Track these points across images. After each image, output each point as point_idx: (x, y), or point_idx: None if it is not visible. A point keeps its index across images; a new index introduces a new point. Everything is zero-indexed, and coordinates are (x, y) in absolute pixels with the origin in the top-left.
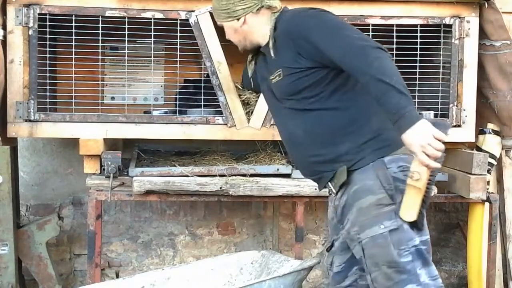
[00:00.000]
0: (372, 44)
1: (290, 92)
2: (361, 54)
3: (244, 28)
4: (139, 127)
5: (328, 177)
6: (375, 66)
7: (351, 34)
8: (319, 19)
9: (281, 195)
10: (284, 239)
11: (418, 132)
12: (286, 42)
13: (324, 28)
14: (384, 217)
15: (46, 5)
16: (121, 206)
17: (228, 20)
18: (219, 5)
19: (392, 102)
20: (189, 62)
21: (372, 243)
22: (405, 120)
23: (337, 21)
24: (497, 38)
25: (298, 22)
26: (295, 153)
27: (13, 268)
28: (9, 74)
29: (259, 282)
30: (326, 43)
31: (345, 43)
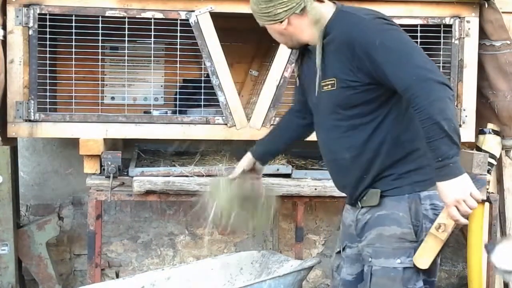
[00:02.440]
0: (439, 78)
1: (344, 105)
2: (426, 89)
3: (289, 30)
4: (139, 127)
5: (361, 195)
6: (436, 106)
7: (419, 63)
8: (387, 37)
9: (281, 195)
10: (284, 239)
11: (457, 186)
12: (344, 51)
13: (391, 50)
14: (403, 252)
15: (46, 5)
16: (121, 206)
17: (271, 23)
18: (258, 9)
19: (442, 149)
20: (189, 62)
21: (383, 273)
22: (449, 170)
23: (406, 42)
24: (497, 38)
25: (362, 34)
26: (336, 174)
27: (13, 268)
28: (9, 74)
29: (259, 282)
30: (391, 68)
31: (411, 73)
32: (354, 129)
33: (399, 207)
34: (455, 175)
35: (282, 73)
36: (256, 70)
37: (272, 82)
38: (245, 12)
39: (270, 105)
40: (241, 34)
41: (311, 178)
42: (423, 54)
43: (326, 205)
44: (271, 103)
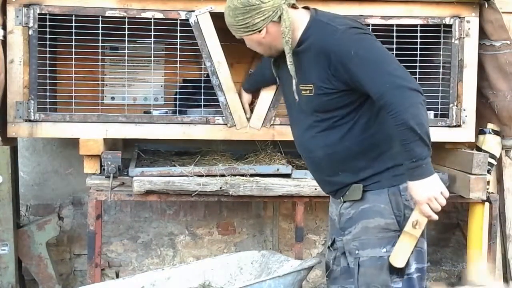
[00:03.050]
0: (411, 84)
1: (321, 110)
2: (399, 96)
3: (267, 38)
4: (139, 127)
5: (343, 191)
6: (409, 112)
7: (392, 71)
8: (361, 47)
9: (281, 195)
10: (284, 239)
11: (429, 185)
12: (320, 59)
13: (365, 59)
14: (388, 241)
15: (46, 5)
16: (121, 206)
17: (249, 34)
18: (235, 21)
19: (416, 151)
20: (189, 62)
21: (370, 263)
22: (421, 170)
23: (379, 51)
24: (497, 38)
25: (337, 45)
26: (312, 170)
27: (13, 268)
28: (9, 74)
29: (259, 282)
30: (365, 77)
31: (385, 81)
32: (329, 130)
33: (380, 199)
34: (427, 175)
35: None
36: None
37: None
38: None
39: (270, 105)
40: None
41: (311, 178)
42: (396, 61)
43: (326, 205)
44: (271, 103)
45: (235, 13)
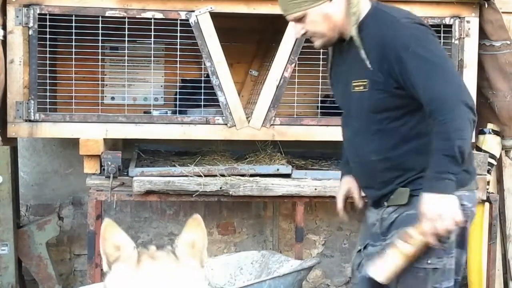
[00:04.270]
0: (466, 99)
1: (374, 109)
2: (450, 106)
3: (336, 9)
4: (139, 127)
5: (387, 196)
6: (455, 125)
7: (450, 79)
8: (421, 44)
9: (281, 195)
10: (284, 239)
11: (443, 204)
12: (376, 51)
13: (423, 59)
14: (433, 253)
15: (46, 5)
16: (121, 206)
17: (318, 3)
18: None
19: (445, 164)
20: (189, 62)
21: (411, 274)
22: (444, 185)
23: (440, 54)
24: (497, 38)
25: (396, 37)
26: (359, 175)
27: (13, 268)
28: (9, 74)
29: (259, 282)
30: (419, 78)
31: (439, 88)
32: (383, 133)
33: None
34: (445, 192)
35: (282, 73)
36: (256, 70)
37: (272, 82)
38: (245, 12)
39: (270, 105)
40: (241, 34)
41: (311, 178)
42: (454, 70)
43: (326, 205)
44: (271, 103)
45: None
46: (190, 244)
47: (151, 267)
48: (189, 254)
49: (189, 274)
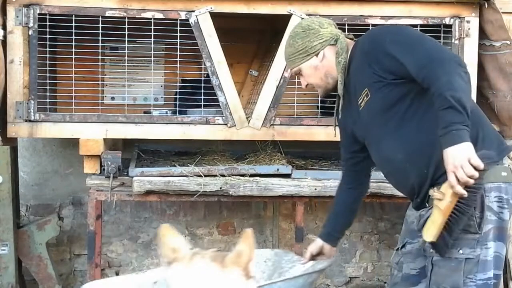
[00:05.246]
0: (449, 55)
1: (383, 107)
2: (436, 66)
3: (324, 63)
4: (139, 127)
5: (428, 197)
6: (444, 80)
7: (430, 47)
8: (395, 33)
9: (281, 195)
10: (284, 239)
11: (457, 152)
12: (363, 62)
13: (402, 42)
14: (465, 243)
15: (46, 5)
16: (121, 206)
17: (307, 59)
18: (294, 48)
19: (447, 117)
20: (189, 62)
21: (444, 263)
22: (451, 137)
23: (414, 33)
24: (497, 38)
25: (372, 39)
26: (398, 182)
27: (13, 268)
28: (9, 74)
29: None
30: (405, 57)
31: (423, 56)
32: (400, 127)
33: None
34: (455, 142)
35: (282, 73)
36: (256, 70)
37: (272, 82)
38: (245, 12)
39: (270, 105)
40: (241, 34)
41: (311, 178)
42: (433, 40)
43: (326, 205)
44: (271, 103)
45: (295, 39)
46: (237, 254)
47: (199, 265)
48: (234, 262)
49: (227, 276)
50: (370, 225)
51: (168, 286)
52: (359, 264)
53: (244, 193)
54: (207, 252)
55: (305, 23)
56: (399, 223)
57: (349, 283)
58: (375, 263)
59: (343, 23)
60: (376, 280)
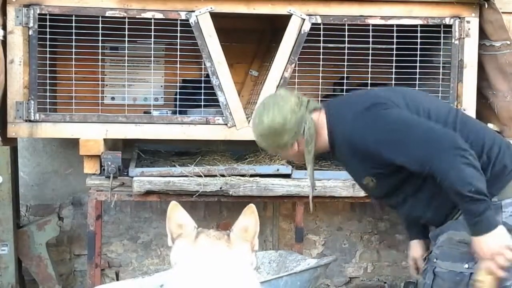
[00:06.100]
0: (445, 144)
1: (393, 189)
2: (437, 162)
3: (301, 149)
4: (139, 127)
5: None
6: (452, 176)
7: (419, 139)
8: (379, 129)
9: (281, 195)
10: (284, 239)
11: (492, 240)
12: (356, 154)
13: (391, 142)
14: (472, 258)
15: (46, 5)
16: (121, 206)
17: (283, 150)
18: (268, 144)
19: (471, 209)
20: (189, 62)
21: (448, 276)
22: (481, 226)
23: (399, 124)
24: (497, 39)
25: (358, 138)
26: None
27: (13, 268)
28: (9, 74)
29: (276, 279)
30: (397, 158)
31: (417, 154)
32: (416, 198)
33: None
34: (490, 229)
35: (282, 73)
36: (256, 70)
37: (272, 82)
38: (245, 12)
39: None
40: (241, 34)
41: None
42: (421, 126)
43: (326, 205)
44: None
45: (264, 138)
46: (243, 229)
47: (205, 243)
48: (241, 237)
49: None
50: (370, 225)
51: (174, 263)
52: (359, 264)
53: (244, 193)
54: (211, 231)
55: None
56: (399, 223)
57: (349, 283)
58: (375, 263)
59: (343, 23)
60: (376, 280)
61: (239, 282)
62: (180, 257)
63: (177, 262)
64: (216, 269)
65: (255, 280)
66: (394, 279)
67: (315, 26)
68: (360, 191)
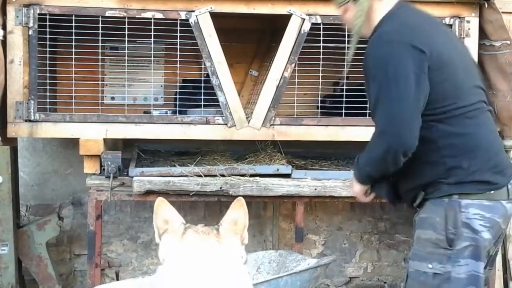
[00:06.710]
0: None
1: None
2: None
3: (347, 17)
4: (139, 127)
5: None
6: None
7: (385, 105)
8: (380, 68)
9: (281, 195)
10: (284, 239)
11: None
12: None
13: (375, 86)
14: (435, 258)
15: (46, 5)
16: (121, 206)
17: (335, 4)
18: None
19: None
20: (189, 62)
21: (415, 276)
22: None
23: (390, 75)
24: (497, 38)
25: (368, 57)
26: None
27: (13, 268)
28: (9, 74)
29: (276, 278)
30: (369, 97)
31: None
32: None
33: (436, 211)
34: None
35: (282, 73)
36: (256, 70)
37: (272, 82)
38: (245, 12)
39: (270, 105)
40: (241, 34)
41: (311, 178)
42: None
43: (326, 205)
44: (271, 103)
45: None
46: (232, 222)
47: (193, 239)
48: (231, 231)
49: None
50: (370, 225)
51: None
52: (359, 264)
53: (244, 193)
54: (199, 227)
55: None
56: (399, 223)
57: (349, 283)
58: (375, 263)
59: (343, 23)
60: (376, 280)
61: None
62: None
63: (165, 259)
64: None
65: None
66: (394, 279)
67: (315, 26)
68: None
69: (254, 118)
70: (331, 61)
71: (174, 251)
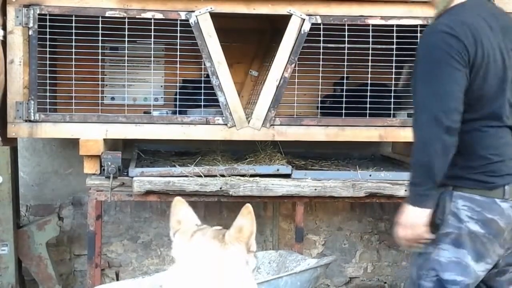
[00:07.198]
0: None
1: None
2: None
3: None
4: (139, 127)
5: None
6: (415, 145)
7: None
8: (423, 55)
9: (281, 195)
10: (284, 239)
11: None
12: None
13: (417, 72)
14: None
15: (46, 5)
16: (121, 206)
17: None
18: None
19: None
20: (189, 62)
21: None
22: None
23: (428, 66)
24: None
25: (420, 43)
26: None
27: (13, 268)
28: (9, 74)
29: (276, 279)
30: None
31: (415, 102)
32: None
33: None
34: (412, 203)
35: (282, 73)
36: (256, 70)
37: (272, 82)
38: (245, 12)
39: (270, 105)
40: (241, 34)
41: (311, 179)
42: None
43: (326, 205)
44: (271, 103)
45: None
46: (238, 229)
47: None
48: (235, 238)
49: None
50: (370, 225)
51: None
52: (359, 264)
53: (244, 193)
54: (209, 229)
55: None
56: None
57: (349, 283)
58: (375, 263)
59: (343, 23)
60: (376, 280)
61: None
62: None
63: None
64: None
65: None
66: (394, 279)
67: (315, 26)
68: (360, 191)
69: (254, 118)
70: (331, 61)
71: (182, 252)
